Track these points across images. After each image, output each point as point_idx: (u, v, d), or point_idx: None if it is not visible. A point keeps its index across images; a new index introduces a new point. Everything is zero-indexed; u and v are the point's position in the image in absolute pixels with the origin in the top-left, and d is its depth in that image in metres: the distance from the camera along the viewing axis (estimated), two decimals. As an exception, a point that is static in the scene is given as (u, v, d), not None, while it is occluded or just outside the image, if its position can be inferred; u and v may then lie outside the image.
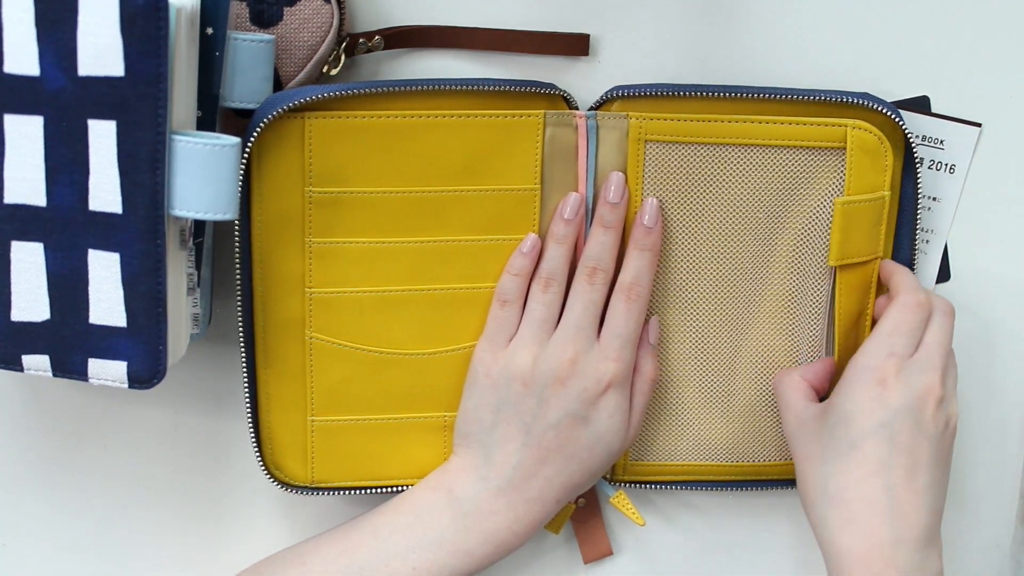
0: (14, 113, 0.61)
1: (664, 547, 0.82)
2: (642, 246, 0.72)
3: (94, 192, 0.62)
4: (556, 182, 0.72)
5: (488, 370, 0.72)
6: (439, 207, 0.70)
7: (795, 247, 0.74)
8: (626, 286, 0.72)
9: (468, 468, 0.72)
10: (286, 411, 0.73)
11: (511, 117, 0.70)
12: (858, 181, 0.71)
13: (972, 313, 0.78)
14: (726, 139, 0.72)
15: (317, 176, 0.69)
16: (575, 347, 0.71)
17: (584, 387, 0.71)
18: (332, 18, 0.70)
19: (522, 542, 0.72)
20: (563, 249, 0.72)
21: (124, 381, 0.65)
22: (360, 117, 0.68)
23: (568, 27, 0.73)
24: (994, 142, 0.76)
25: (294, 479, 0.74)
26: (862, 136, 0.71)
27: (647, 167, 0.72)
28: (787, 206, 0.73)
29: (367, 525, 0.73)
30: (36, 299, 0.64)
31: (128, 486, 0.79)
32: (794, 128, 0.71)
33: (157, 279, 0.63)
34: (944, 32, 0.74)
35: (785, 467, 0.77)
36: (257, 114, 0.67)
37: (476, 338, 0.73)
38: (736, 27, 0.74)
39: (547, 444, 0.71)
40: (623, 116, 0.72)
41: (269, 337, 0.71)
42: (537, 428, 0.71)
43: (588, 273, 0.71)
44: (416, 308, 0.72)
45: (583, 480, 0.72)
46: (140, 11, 0.59)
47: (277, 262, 0.70)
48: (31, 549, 0.80)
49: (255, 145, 0.67)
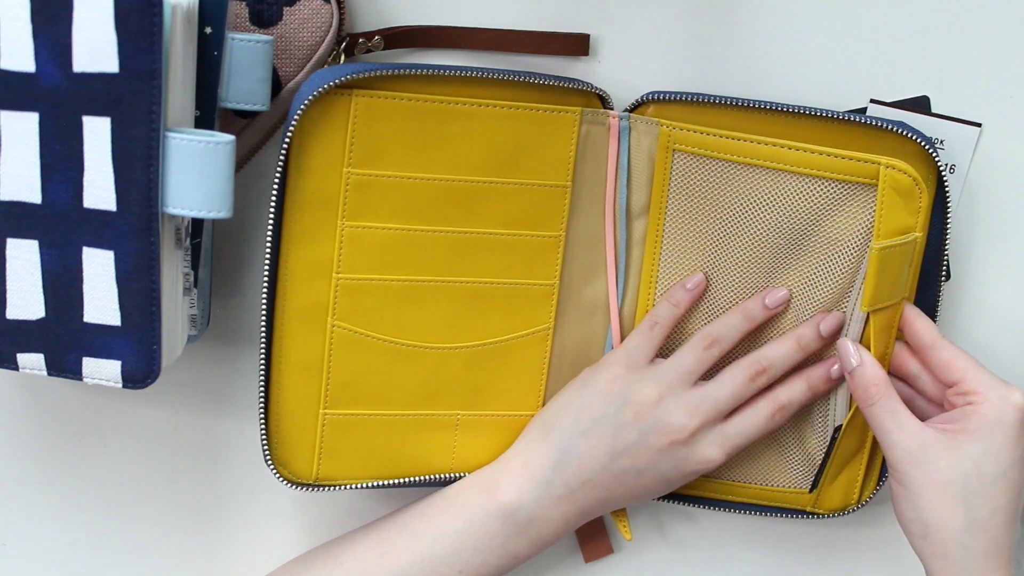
0: (9, 110, 0.61)
1: (664, 546, 0.81)
2: (814, 385, 0.73)
3: (88, 189, 0.62)
4: (586, 180, 0.72)
5: (613, 379, 0.71)
6: (472, 197, 0.70)
7: (812, 278, 0.72)
8: (780, 403, 0.72)
9: (532, 467, 0.71)
10: (297, 403, 0.71)
11: (551, 112, 0.70)
12: (889, 222, 0.69)
13: (972, 313, 0.77)
14: (755, 160, 0.70)
15: (356, 158, 0.68)
16: (701, 421, 0.70)
17: (686, 458, 0.71)
18: (332, 18, 0.70)
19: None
20: (745, 326, 0.72)
21: (118, 381, 0.65)
22: (406, 99, 0.67)
23: (568, 27, 0.73)
24: (994, 142, 0.75)
25: (298, 475, 0.73)
26: (896, 176, 0.69)
27: (673, 177, 0.72)
28: (808, 236, 0.71)
29: (408, 527, 0.72)
30: (31, 297, 0.64)
31: (128, 486, 0.79)
32: (825, 159, 0.70)
33: (151, 277, 0.63)
34: (944, 32, 0.74)
35: (774, 493, 0.77)
36: (304, 89, 0.66)
37: (497, 334, 0.72)
38: (736, 27, 0.73)
39: (623, 480, 0.71)
40: (655, 122, 0.71)
41: (288, 324, 0.70)
42: (623, 462, 0.70)
43: (756, 371, 0.71)
44: (440, 300, 0.71)
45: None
46: (134, 7, 0.59)
47: (307, 245, 0.69)
48: (31, 549, 0.80)
49: (300, 120, 0.66)
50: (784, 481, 0.77)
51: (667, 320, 0.73)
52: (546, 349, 0.74)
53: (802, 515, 0.77)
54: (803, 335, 0.72)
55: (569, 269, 0.73)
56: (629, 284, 0.74)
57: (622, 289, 0.74)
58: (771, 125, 0.71)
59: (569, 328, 0.74)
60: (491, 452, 0.74)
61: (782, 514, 0.77)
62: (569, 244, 0.73)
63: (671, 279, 0.74)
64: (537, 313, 0.73)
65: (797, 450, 0.76)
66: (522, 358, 0.73)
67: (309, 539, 0.79)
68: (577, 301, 0.74)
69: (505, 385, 0.74)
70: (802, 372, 0.73)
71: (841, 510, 0.77)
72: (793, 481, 0.76)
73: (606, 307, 0.75)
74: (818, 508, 0.77)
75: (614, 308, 0.74)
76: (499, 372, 0.73)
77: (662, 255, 0.73)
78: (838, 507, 0.77)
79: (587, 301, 0.74)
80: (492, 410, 0.74)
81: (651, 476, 0.71)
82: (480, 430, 0.74)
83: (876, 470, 0.76)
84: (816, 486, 0.76)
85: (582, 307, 0.74)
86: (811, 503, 0.77)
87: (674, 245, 0.73)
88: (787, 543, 0.82)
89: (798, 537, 0.82)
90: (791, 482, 0.77)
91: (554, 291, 0.73)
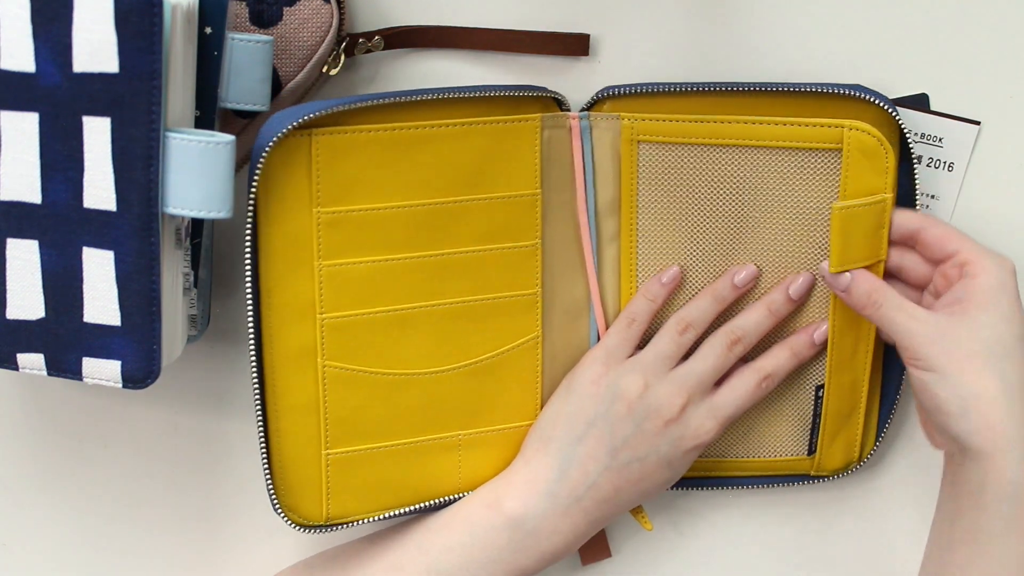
0: (10, 110, 0.61)
1: (662, 550, 0.81)
2: (798, 352, 0.73)
3: (88, 189, 0.62)
4: (554, 185, 0.72)
5: (596, 379, 0.72)
6: (445, 218, 0.70)
7: (791, 249, 0.73)
8: (765, 372, 0.73)
9: (536, 481, 0.71)
10: (299, 447, 0.70)
11: (510, 123, 0.70)
12: (855, 184, 0.70)
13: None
14: (720, 140, 0.71)
15: (324, 196, 0.67)
16: (689, 395, 0.71)
17: (682, 436, 0.71)
18: (332, 18, 0.70)
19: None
20: (716, 307, 0.73)
21: (118, 380, 0.65)
22: (365, 131, 0.67)
23: (568, 27, 0.73)
24: (993, 140, 0.75)
25: (309, 518, 0.72)
26: (860, 137, 0.70)
27: (640, 168, 0.72)
28: (783, 208, 0.72)
29: (415, 541, 0.72)
30: (31, 297, 0.64)
31: (128, 486, 0.79)
32: (789, 129, 0.71)
33: (151, 277, 0.63)
34: (944, 30, 0.74)
35: (774, 463, 0.77)
36: (263, 134, 0.66)
37: (488, 350, 0.72)
38: (736, 26, 0.73)
39: (627, 475, 0.71)
40: (615, 117, 0.72)
41: (279, 370, 0.69)
42: (623, 456, 0.71)
43: (731, 341, 0.72)
44: (427, 325, 0.71)
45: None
46: (134, 8, 0.59)
47: (287, 289, 0.68)
48: (31, 549, 0.80)
49: (264, 166, 0.66)
50: (783, 450, 0.77)
51: (644, 315, 0.73)
52: (537, 357, 0.74)
53: (807, 480, 0.78)
54: (773, 300, 0.73)
55: (549, 275, 0.73)
56: (609, 281, 0.74)
57: (603, 287, 0.74)
58: (730, 106, 0.71)
59: (557, 333, 0.74)
60: (496, 466, 0.74)
61: (787, 482, 0.78)
62: (546, 250, 0.73)
63: (650, 270, 0.74)
64: (524, 323, 0.73)
65: (788, 416, 0.76)
66: (515, 370, 0.73)
67: (311, 542, 0.79)
68: (561, 305, 0.74)
69: (502, 399, 0.74)
70: (786, 340, 0.74)
71: (844, 469, 0.78)
72: (792, 448, 0.77)
73: (590, 307, 0.75)
74: (821, 471, 0.77)
75: (597, 307, 0.74)
76: (494, 387, 0.73)
77: (639, 247, 0.74)
78: (840, 467, 0.77)
79: (571, 304, 0.74)
80: (492, 425, 0.74)
81: (653, 462, 0.71)
82: (483, 446, 0.74)
83: (874, 426, 0.77)
84: (814, 449, 0.76)
85: (567, 311, 0.74)
86: (813, 467, 0.77)
87: (650, 236, 0.74)
88: (786, 547, 0.82)
89: (802, 534, 0.82)
90: (790, 449, 0.77)
91: (537, 299, 0.73)
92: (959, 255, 0.68)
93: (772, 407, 0.76)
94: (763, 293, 0.74)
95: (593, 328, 0.75)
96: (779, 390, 0.76)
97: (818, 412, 0.76)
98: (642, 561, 0.81)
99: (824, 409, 0.75)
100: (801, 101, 0.71)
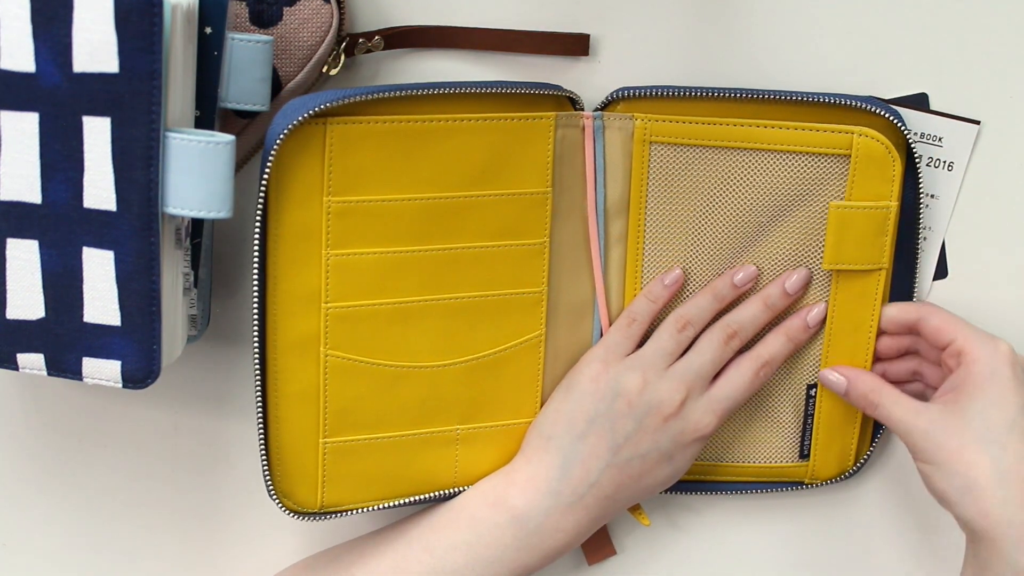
0: (10, 110, 0.61)
1: (667, 548, 0.81)
2: (793, 336, 0.74)
3: (88, 189, 0.62)
4: (565, 184, 0.72)
5: (596, 377, 0.72)
6: (454, 213, 0.70)
7: (796, 253, 0.73)
8: (762, 360, 0.73)
9: (538, 479, 0.72)
10: (297, 435, 0.71)
11: (525, 120, 0.70)
12: (861, 189, 0.71)
13: (969, 310, 0.77)
14: (731, 143, 0.71)
15: (335, 186, 0.67)
16: (688, 389, 0.72)
17: (682, 430, 0.72)
18: (332, 18, 0.70)
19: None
20: (715, 305, 0.73)
21: (118, 380, 0.65)
22: (380, 122, 0.67)
23: (568, 27, 0.73)
24: (993, 140, 0.75)
25: (303, 505, 0.72)
26: (869, 144, 0.70)
27: (651, 169, 0.72)
28: (790, 212, 0.73)
29: (418, 540, 0.72)
30: (31, 297, 0.64)
31: (128, 487, 0.79)
32: (799, 134, 0.71)
33: (151, 277, 0.63)
34: (944, 30, 0.74)
35: (769, 470, 0.78)
36: (278, 121, 0.66)
37: (490, 347, 0.72)
38: (736, 26, 0.73)
39: (629, 471, 0.72)
40: (628, 117, 0.72)
41: (281, 358, 0.69)
42: (624, 453, 0.71)
43: (728, 335, 0.73)
44: (431, 318, 0.71)
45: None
46: (134, 7, 0.59)
47: (294, 278, 0.68)
48: (31, 549, 0.80)
49: (277, 153, 0.65)
50: (777, 455, 0.78)
51: (645, 316, 0.74)
52: (539, 356, 0.74)
53: (801, 486, 0.78)
54: (770, 294, 0.74)
55: (555, 274, 0.73)
56: (614, 281, 0.75)
57: (608, 288, 0.75)
58: (742, 111, 0.71)
59: (560, 332, 0.74)
60: (493, 462, 0.74)
61: (782, 488, 0.78)
62: (554, 249, 0.73)
63: (656, 272, 0.74)
64: (528, 321, 0.73)
65: (781, 419, 0.77)
66: (516, 367, 0.74)
67: (311, 540, 0.79)
68: (566, 305, 0.74)
69: (502, 395, 0.74)
70: (780, 326, 0.74)
71: (838, 476, 0.78)
72: (784, 450, 0.77)
73: (594, 308, 0.75)
74: (816, 477, 0.78)
75: (602, 308, 0.74)
76: (495, 383, 0.73)
77: (645, 248, 0.74)
78: (834, 474, 0.78)
79: (576, 303, 0.74)
80: (491, 421, 0.74)
81: (654, 458, 0.72)
82: (480, 442, 0.74)
83: (868, 433, 0.78)
84: (807, 453, 0.77)
85: (571, 310, 0.74)
86: (808, 474, 0.78)
87: (657, 237, 0.74)
88: (789, 544, 0.82)
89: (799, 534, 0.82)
90: (783, 454, 0.77)
91: (542, 298, 0.73)
92: (954, 344, 0.70)
93: (767, 411, 0.77)
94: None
95: (597, 328, 0.75)
96: (771, 390, 0.76)
97: (810, 412, 0.76)
98: (647, 559, 0.81)
99: (817, 410, 0.76)
100: (811, 109, 0.71)
